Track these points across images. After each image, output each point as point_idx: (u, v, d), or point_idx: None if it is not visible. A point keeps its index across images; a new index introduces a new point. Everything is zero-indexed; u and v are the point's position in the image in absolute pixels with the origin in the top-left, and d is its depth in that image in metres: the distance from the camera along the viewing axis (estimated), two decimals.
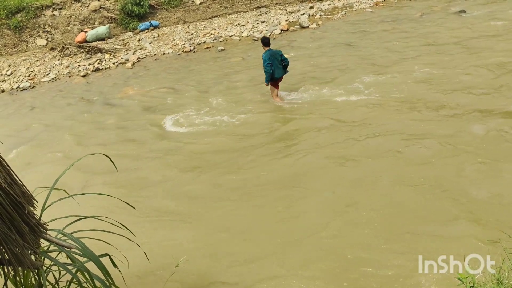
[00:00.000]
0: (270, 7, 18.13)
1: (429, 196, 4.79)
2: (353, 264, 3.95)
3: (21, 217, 2.07)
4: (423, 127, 6.46)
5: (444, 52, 9.72)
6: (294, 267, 4.05)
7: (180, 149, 7.34)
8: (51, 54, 15.52)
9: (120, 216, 4.14)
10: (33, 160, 7.91)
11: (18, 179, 2.17)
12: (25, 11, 17.78)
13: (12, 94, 12.60)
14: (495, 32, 10.47)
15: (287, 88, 8.93)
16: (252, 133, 7.40)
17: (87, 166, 6.75)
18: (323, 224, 4.62)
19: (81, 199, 3.28)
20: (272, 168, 6.08)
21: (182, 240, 4.80)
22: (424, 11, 13.77)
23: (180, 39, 15.35)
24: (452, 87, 7.71)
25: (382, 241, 4.20)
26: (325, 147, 6.39)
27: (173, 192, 5.94)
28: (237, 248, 4.52)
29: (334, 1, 17.57)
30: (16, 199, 2.03)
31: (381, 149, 6.02)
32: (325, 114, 7.52)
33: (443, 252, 3.80)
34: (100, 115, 9.77)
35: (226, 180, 6.00)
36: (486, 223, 4.24)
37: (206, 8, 18.75)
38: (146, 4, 18.02)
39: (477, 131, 6.08)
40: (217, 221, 5.08)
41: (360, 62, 10.01)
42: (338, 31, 13.33)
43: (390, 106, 7.42)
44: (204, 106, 9.00)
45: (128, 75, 12.59)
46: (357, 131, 6.68)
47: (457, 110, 6.86)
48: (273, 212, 5.04)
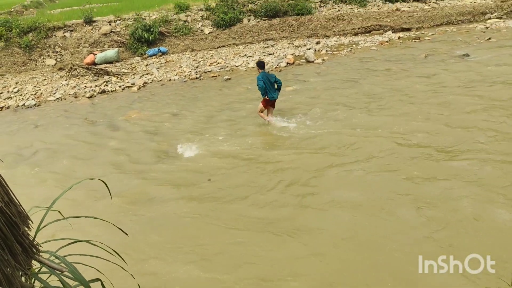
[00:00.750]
0: (277, 40, 18.44)
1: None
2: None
3: (15, 237, 2.04)
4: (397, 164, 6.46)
5: (445, 95, 9.81)
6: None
7: (178, 173, 7.36)
8: (59, 74, 15.72)
9: (118, 239, 4.08)
10: (31, 179, 7.89)
11: (15, 198, 2.16)
12: (37, 31, 18.15)
13: (16, 111, 12.68)
14: (499, 78, 10.57)
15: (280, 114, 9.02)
16: (247, 163, 7.43)
17: (85, 188, 6.72)
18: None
19: (79, 221, 3.24)
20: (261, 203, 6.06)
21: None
22: (429, 53, 13.97)
23: (187, 66, 15.56)
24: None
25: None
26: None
27: (168, 217, 5.90)
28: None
29: (340, 38, 17.89)
30: (12, 218, 2.02)
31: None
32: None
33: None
34: (103, 137, 9.81)
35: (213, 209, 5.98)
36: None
37: (214, 37, 19.09)
38: (156, 31, 18.37)
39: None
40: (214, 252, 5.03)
41: (359, 100, 10.10)
42: (343, 67, 13.51)
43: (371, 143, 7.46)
44: (205, 133, 9.04)
45: (133, 98, 12.70)
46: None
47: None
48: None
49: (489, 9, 19.58)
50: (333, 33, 18.63)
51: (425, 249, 4.58)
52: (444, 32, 17.34)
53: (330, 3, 21.65)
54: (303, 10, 20.30)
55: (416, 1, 21.84)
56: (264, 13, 20.17)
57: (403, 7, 21.18)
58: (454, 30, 17.60)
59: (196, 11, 20.32)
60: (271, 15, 20.21)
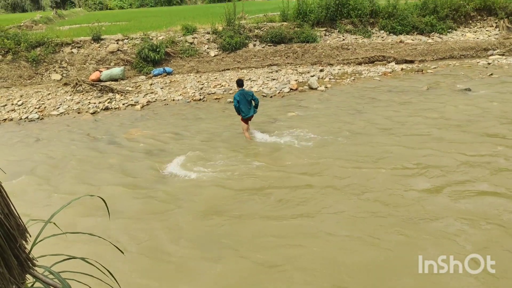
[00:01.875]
0: (281, 66, 18.65)
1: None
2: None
3: (11, 250, 2.03)
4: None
5: (447, 129, 9.87)
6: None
7: (176, 193, 7.36)
8: (64, 89, 15.85)
9: (114, 257, 4.05)
10: (30, 192, 7.87)
11: (15, 211, 2.16)
12: (45, 46, 18.41)
13: (19, 124, 12.73)
14: (500, 114, 10.65)
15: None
16: (244, 187, 7.44)
17: (84, 204, 6.69)
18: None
19: (76, 237, 3.23)
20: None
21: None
22: (431, 86, 14.10)
23: (191, 87, 15.69)
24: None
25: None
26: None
27: (167, 236, 5.86)
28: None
29: (344, 67, 18.10)
30: (10, 231, 2.01)
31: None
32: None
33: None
34: (103, 153, 9.82)
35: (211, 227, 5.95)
36: None
37: (219, 60, 19.31)
38: (162, 51, 18.62)
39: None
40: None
41: (359, 128, 10.16)
42: (346, 96, 13.61)
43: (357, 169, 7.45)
44: (206, 154, 9.06)
45: (136, 116, 12.77)
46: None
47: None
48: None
49: (491, 46, 19.87)
50: (337, 61, 18.86)
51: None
52: (446, 66, 17.55)
53: (335, 32, 21.97)
54: (308, 38, 20.61)
55: (420, 35, 22.17)
56: (269, 39, 20.47)
57: (407, 39, 21.50)
58: (457, 64, 17.81)
59: (203, 34, 20.62)
60: (277, 41, 20.50)
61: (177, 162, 8.72)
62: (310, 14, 21.73)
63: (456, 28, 22.95)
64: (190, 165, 8.49)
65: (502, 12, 22.98)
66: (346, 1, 22.08)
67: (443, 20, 22.77)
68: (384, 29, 22.32)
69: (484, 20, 23.63)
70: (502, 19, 22.77)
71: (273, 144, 9.43)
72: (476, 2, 23.36)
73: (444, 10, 22.72)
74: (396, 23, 22.22)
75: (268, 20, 22.51)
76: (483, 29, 23.03)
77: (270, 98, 13.97)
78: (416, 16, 22.68)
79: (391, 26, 22.18)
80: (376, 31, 22.39)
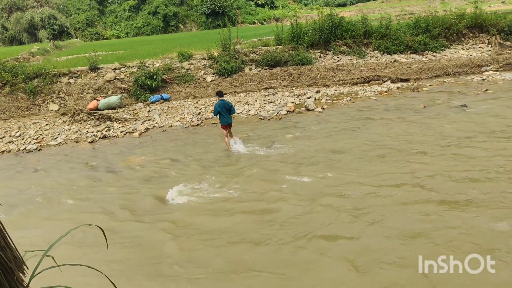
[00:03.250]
0: (278, 89, 18.77)
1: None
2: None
3: (9, 283, 1.99)
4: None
5: (445, 146, 9.89)
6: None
7: (176, 220, 7.29)
8: (62, 119, 15.89)
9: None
10: (27, 223, 7.79)
11: (12, 243, 2.12)
12: (42, 77, 18.53)
13: (17, 156, 12.71)
14: (501, 129, 10.67)
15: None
16: (243, 211, 7.38)
17: (83, 234, 6.63)
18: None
19: (74, 268, 3.17)
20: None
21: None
22: (427, 103, 14.18)
23: (188, 113, 15.75)
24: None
25: None
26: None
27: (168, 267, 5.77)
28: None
29: (340, 88, 18.23)
30: (7, 263, 1.98)
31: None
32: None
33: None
34: (102, 182, 9.78)
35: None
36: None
37: (216, 85, 19.44)
38: (159, 78, 18.77)
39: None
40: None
41: (357, 148, 10.16)
42: (343, 116, 13.66)
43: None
44: (205, 180, 9.01)
45: (135, 144, 12.76)
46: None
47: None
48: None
49: (485, 62, 20.08)
50: (332, 82, 19.00)
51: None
52: (441, 83, 17.68)
53: (330, 54, 22.22)
54: (303, 60, 20.82)
55: (414, 53, 22.43)
56: (265, 62, 20.67)
57: (401, 58, 21.74)
58: (452, 81, 17.95)
59: (199, 60, 20.82)
60: (272, 65, 20.70)
61: (175, 189, 8.66)
62: (304, 37, 22.02)
63: (449, 46, 23.23)
64: (189, 193, 8.43)
65: (494, 29, 23.30)
66: (340, 23, 22.41)
67: (435, 38, 23.07)
68: (378, 49, 22.58)
69: (476, 37, 23.94)
70: (494, 36, 23.08)
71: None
72: (467, 20, 23.69)
73: (436, 29, 23.04)
74: (389, 43, 22.50)
75: (263, 44, 22.78)
76: (476, 46, 23.31)
77: (268, 121, 14.01)
78: (409, 35, 22.98)
79: (385, 46, 22.45)
80: (370, 51, 22.65)
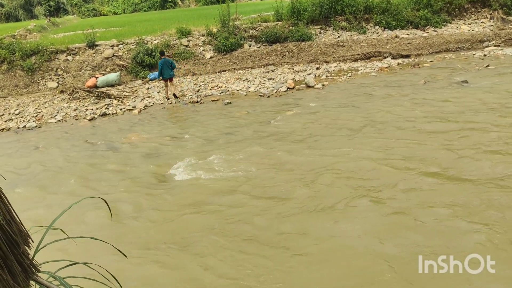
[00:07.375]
0: (277, 65, 18.61)
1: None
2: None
3: (15, 257, 2.01)
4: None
5: (445, 121, 9.88)
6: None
7: (175, 196, 7.34)
8: (61, 97, 15.81)
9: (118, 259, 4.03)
10: (30, 198, 7.84)
11: (17, 217, 2.14)
12: (40, 54, 18.34)
13: (17, 133, 12.69)
14: (497, 105, 10.65)
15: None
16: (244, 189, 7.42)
17: (86, 207, 6.67)
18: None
19: (79, 240, 3.20)
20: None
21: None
22: (428, 79, 14.09)
23: (188, 90, 15.66)
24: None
25: None
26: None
27: (168, 237, 5.83)
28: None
29: (340, 64, 18.09)
30: (13, 237, 1.99)
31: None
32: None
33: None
34: (102, 159, 9.79)
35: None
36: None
37: (215, 62, 19.28)
38: (157, 55, 18.56)
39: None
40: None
41: (357, 124, 10.14)
42: (343, 92, 13.60)
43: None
44: (204, 157, 9.03)
45: (134, 121, 12.73)
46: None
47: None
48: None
49: (487, 37, 19.87)
50: (333, 59, 18.84)
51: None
52: (443, 59, 17.54)
53: (330, 29, 21.96)
54: (303, 37, 20.59)
55: (415, 29, 22.17)
56: (264, 39, 20.45)
57: (402, 34, 21.49)
58: (453, 57, 17.81)
59: (198, 36, 20.59)
60: (272, 41, 20.48)
61: (176, 165, 8.68)
62: (304, 13, 21.71)
63: (451, 21, 22.94)
64: (189, 169, 8.45)
65: (496, 3, 22.98)
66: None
67: (437, 13, 22.76)
68: (379, 25, 22.30)
69: (479, 12, 23.62)
70: (496, 10, 22.77)
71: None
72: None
73: (438, 3, 22.70)
74: (390, 18, 22.20)
75: (263, 20, 22.48)
76: (478, 21, 23.03)
77: (268, 98, 13.95)
78: (410, 10, 22.65)
79: (386, 21, 22.16)
80: (371, 27, 22.37)
